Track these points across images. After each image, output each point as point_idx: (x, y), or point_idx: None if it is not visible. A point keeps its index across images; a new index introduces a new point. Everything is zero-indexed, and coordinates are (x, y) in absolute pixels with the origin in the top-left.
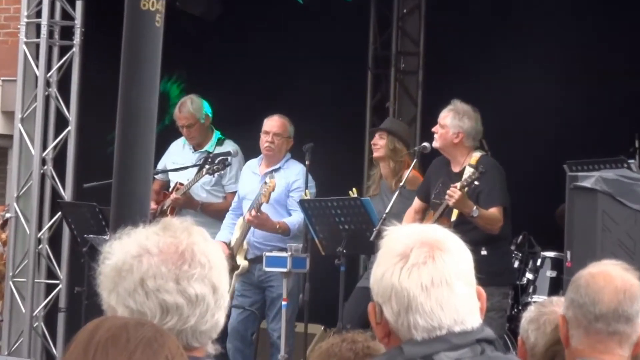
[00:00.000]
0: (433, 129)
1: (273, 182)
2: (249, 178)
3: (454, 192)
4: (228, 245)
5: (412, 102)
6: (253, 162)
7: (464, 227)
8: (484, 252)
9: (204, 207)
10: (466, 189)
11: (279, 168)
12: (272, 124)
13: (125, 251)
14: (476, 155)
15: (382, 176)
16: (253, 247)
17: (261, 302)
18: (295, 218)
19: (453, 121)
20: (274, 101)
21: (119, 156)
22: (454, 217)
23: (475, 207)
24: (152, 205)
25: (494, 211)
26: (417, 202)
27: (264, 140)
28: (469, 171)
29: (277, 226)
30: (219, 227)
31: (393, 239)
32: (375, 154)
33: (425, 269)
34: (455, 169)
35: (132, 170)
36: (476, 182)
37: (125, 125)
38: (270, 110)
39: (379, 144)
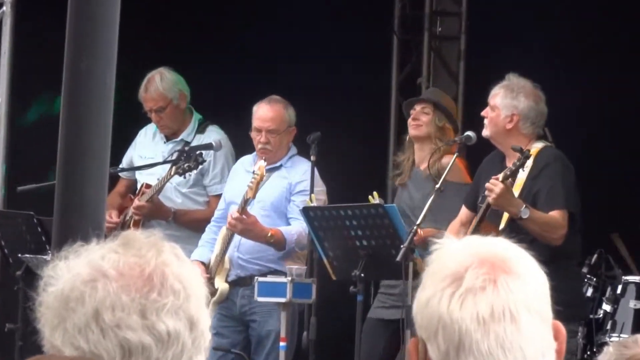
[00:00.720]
0: (483, 113)
1: (262, 169)
2: (240, 178)
3: (495, 185)
4: (207, 266)
5: (452, 78)
6: (247, 159)
7: (517, 238)
8: None
9: (178, 215)
10: (510, 179)
11: (280, 166)
12: (264, 116)
13: (74, 275)
14: (537, 145)
15: (414, 163)
16: (236, 265)
17: (244, 343)
18: (295, 228)
19: (505, 100)
20: (271, 77)
21: (65, 148)
22: (502, 224)
23: (524, 206)
24: (114, 215)
25: (555, 215)
26: (463, 212)
27: (257, 141)
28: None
29: (269, 234)
30: (198, 243)
31: (443, 255)
32: (413, 132)
33: (484, 297)
34: (510, 162)
35: (82, 167)
36: (522, 170)
37: (73, 107)
38: (266, 90)
39: (422, 119)
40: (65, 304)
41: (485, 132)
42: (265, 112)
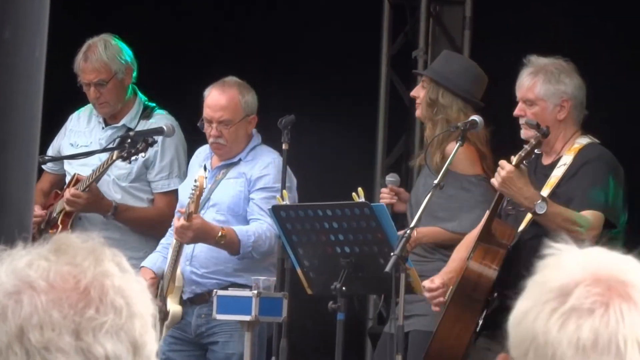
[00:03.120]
0: (517, 112)
1: (202, 179)
2: (194, 175)
3: (502, 167)
4: (159, 278)
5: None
6: (202, 152)
7: (536, 244)
8: None
9: (119, 211)
10: (524, 163)
11: (239, 161)
12: (215, 104)
13: None
14: (581, 141)
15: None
16: (190, 281)
17: None
18: (253, 228)
19: (548, 86)
20: (231, 52)
21: None
22: (523, 225)
23: (540, 199)
24: (37, 211)
25: (586, 214)
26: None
27: (208, 134)
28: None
29: (220, 233)
30: (146, 250)
31: (553, 264)
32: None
33: (590, 321)
34: (547, 159)
35: (4, 156)
36: (537, 151)
37: None
38: (226, 68)
39: (420, 96)
40: None
41: (528, 133)
42: (215, 100)
